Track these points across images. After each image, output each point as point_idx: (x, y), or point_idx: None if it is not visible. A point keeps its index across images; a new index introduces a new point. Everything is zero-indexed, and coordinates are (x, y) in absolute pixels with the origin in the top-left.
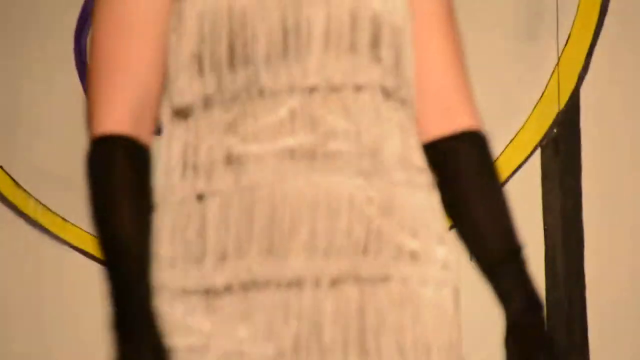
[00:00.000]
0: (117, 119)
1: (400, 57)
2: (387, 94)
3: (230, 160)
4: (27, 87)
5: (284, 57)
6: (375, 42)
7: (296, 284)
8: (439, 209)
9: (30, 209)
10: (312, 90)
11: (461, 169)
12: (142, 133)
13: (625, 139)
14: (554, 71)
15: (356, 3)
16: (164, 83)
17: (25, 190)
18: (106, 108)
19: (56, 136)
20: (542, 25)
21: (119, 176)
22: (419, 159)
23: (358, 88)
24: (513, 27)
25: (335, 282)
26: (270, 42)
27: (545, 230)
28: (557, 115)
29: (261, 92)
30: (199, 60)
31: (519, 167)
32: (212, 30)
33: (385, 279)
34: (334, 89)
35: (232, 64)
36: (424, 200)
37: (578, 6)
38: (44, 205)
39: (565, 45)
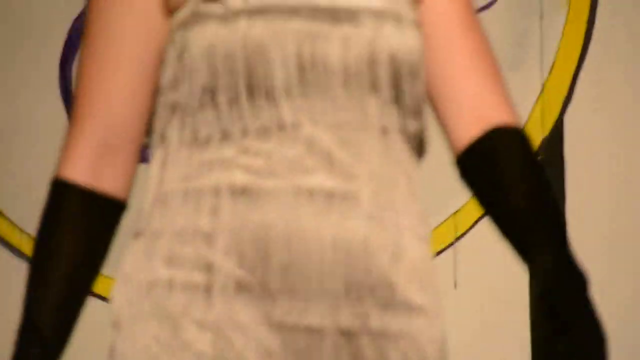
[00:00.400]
0: (74, 163)
1: (420, 99)
2: (407, 136)
3: (241, 192)
4: (11, 115)
5: (304, 92)
6: (395, 83)
7: (317, 331)
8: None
9: (15, 238)
10: (332, 127)
11: (502, 168)
12: (104, 178)
13: (608, 165)
14: (538, 98)
15: (374, 41)
16: (143, 116)
17: (8, 219)
18: (68, 147)
19: (42, 163)
20: (527, 53)
21: (53, 225)
22: (421, 209)
23: (381, 130)
24: (497, 54)
25: (351, 334)
26: (288, 76)
27: None
28: (542, 142)
29: (281, 127)
30: (212, 93)
31: None
32: (226, 62)
33: (395, 334)
34: (357, 128)
35: (251, 97)
36: (427, 251)
37: (562, 34)
38: (29, 234)
39: (550, 72)
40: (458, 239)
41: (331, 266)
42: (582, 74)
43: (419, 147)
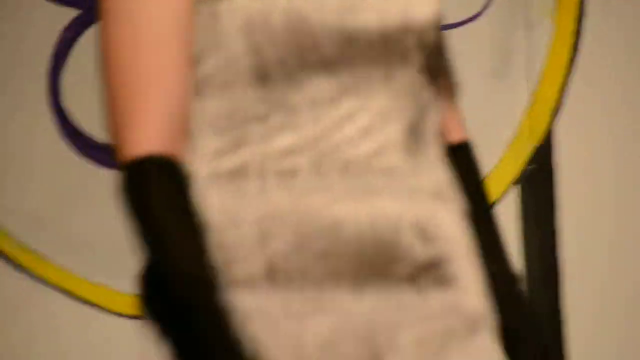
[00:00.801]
0: (154, 138)
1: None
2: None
3: (285, 173)
4: (7, 132)
5: (350, 63)
6: (426, 54)
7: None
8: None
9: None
10: (374, 102)
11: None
12: (178, 149)
13: (599, 174)
14: (527, 109)
15: (404, 13)
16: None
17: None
18: (139, 127)
19: (37, 177)
20: (514, 63)
21: (164, 199)
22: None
23: (415, 96)
24: (486, 65)
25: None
26: (334, 47)
27: (524, 266)
28: (532, 152)
29: (332, 100)
30: (262, 71)
31: (495, 204)
32: (270, 36)
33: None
34: (395, 98)
35: (304, 70)
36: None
37: (550, 44)
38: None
39: (539, 82)
40: None
41: (375, 249)
42: (571, 84)
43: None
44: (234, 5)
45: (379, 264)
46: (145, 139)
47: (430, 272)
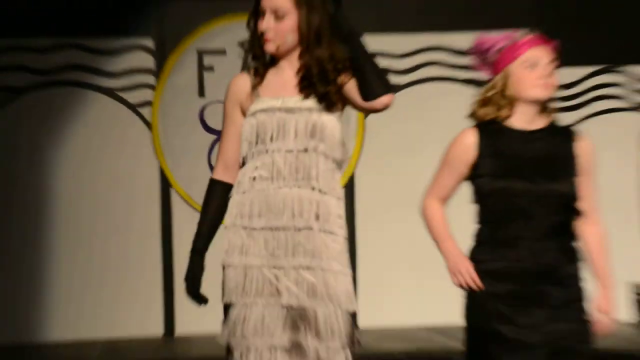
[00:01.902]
0: (218, 171)
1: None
2: (324, 155)
3: (254, 179)
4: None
5: (277, 139)
6: (314, 133)
7: (282, 229)
8: (335, 203)
9: None
10: (287, 151)
11: None
12: (229, 177)
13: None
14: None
15: (308, 120)
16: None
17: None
18: (216, 167)
19: None
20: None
21: (211, 199)
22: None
23: (305, 150)
24: None
25: (296, 229)
26: (273, 134)
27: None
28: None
29: (266, 151)
30: (248, 140)
31: None
32: (250, 130)
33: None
34: (299, 150)
35: (257, 142)
36: (336, 202)
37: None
38: None
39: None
40: None
41: (291, 206)
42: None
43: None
44: (247, 120)
45: (289, 215)
46: (215, 171)
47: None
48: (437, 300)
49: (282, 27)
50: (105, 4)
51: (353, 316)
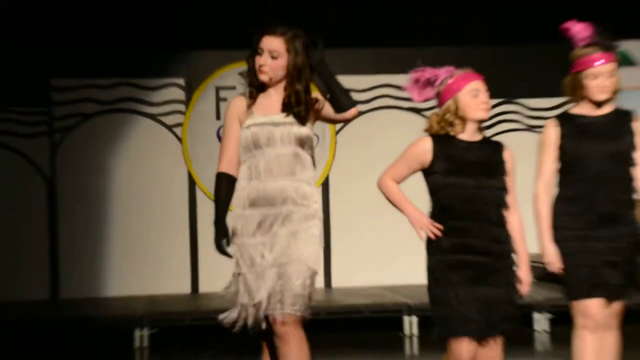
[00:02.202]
0: (223, 166)
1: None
2: (302, 156)
3: (251, 176)
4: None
5: (268, 145)
6: (299, 142)
7: (273, 210)
8: (308, 189)
9: None
10: (278, 155)
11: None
12: (232, 170)
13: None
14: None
15: (290, 131)
16: (238, 156)
17: None
18: (220, 163)
19: None
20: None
21: (222, 186)
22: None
23: (294, 154)
24: None
25: (277, 216)
26: (264, 141)
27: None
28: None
29: (262, 154)
30: (246, 147)
31: None
32: (247, 139)
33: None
34: (284, 154)
35: (254, 148)
36: (308, 186)
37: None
38: None
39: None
40: None
41: (279, 195)
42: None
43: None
44: (244, 132)
45: (278, 201)
46: (221, 165)
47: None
48: (390, 267)
49: (275, 64)
50: (149, 53)
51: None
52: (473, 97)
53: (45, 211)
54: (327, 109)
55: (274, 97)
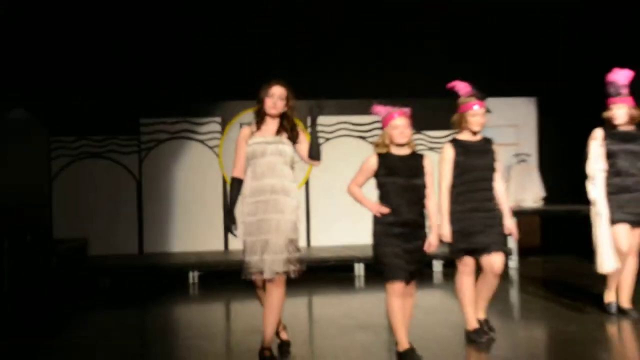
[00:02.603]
0: (236, 172)
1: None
2: (288, 165)
3: (253, 177)
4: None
5: (262, 156)
6: (283, 154)
7: (272, 203)
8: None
9: None
10: (268, 162)
11: None
12: (242, 175)
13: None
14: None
15: (278, 149)
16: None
17: None
18: (234, 168)
19: None
20: None
21: (235, 187)
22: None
23: (284, 162)
24: None
25: (274, 206)
26: (260, 156)
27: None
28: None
29: (259, 162)
30: (249, 158)
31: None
32: (250, 152)
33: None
34: (277, 164)
35: (253, 158)
36: (289, 183)
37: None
38: None
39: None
40: None
41: (269, 189)
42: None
43: (291, 167)
44: (248, 148)
45: (269, 193)
46: (235, 172)
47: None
48: (346, 233)
49: (280, 104)
50: (199, 101)
51: (296, 241)
52: (394, 129)
53: (135, 200)
54: (302, 148)
55: (270, 127)
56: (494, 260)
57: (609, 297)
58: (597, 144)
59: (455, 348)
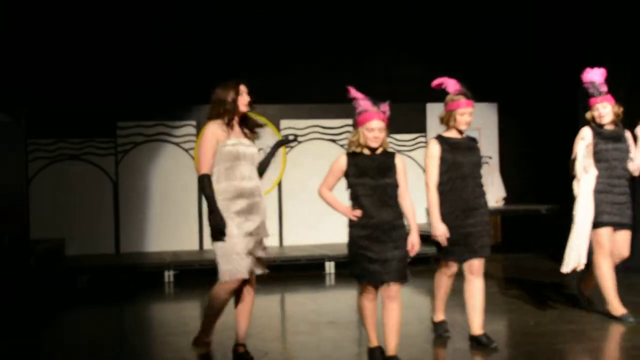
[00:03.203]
0: (206, 169)
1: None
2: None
3: (232, 178)
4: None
5: (243, 159)
6: (256, 159)
7: (252, 200)
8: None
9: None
10: (251, 165)
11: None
12: (210, 172)
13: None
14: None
15: (252, 150)
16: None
17: None
18: (203, 166)
19: None
20: None
21: (210, 184)
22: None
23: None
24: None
25: (257, 204)
26: (242, 157)
27: None
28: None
29: (240, 166)
30: (227, 158)
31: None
32: (227, 155)
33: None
34: (254, 168)
35: (234, 159)
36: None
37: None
38: None
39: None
40: None
41: (252, 191)
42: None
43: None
44: (222, 148)
45: (251, 195)
46: (203, 169)
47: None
48: (318, 233)
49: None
50: (175, 106)
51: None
52: (369, 132)
53: (112, 200)
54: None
55: (235, 127)
56: (477, 264)
57: (619, 309)
58: (584, 144)
59: (422, 343)
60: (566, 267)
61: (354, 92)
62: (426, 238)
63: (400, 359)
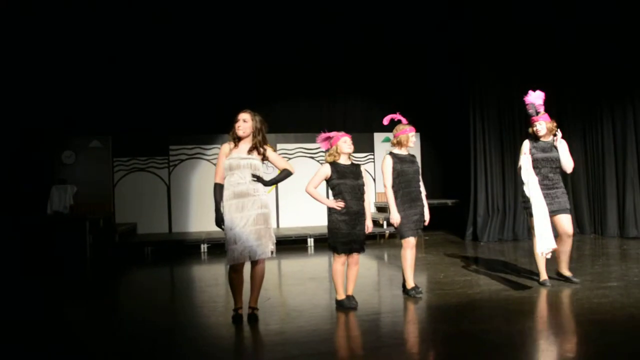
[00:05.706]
0: (218, 179)
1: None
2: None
3: (232, 183)
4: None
5: (237, 169)
6: (252, 167)
7: (246, 199)
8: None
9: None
10: (241, 174)
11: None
12: (222, 181)
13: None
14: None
15: (250, 162)
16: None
17: None
18: (216, 176)
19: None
20: None
21: (218, 191)
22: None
23: (250, 173)
24: None
25: (248, 204)
26: (236, 167)
27: None
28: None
29: (235, 173)
30: (227, 169)
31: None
32: (227, 167)
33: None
34: (247, 173)
35: (231, 170)
36: (260, 186)
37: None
38: None
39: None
40: None
41: (244, 193)
42: None
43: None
44: (225, 162)
45: (241, 196)
46: (216, 179)
47: (251, 196)
48: (304, 218)
49: (245, 126)
50: (205, 135)
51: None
52: (344, 143)
53: (166, 197)
54: (273, 159)
55: (244, 146)
56: (418, 238)
57: (544, 276)
58: (526, 156)
59: (395, 302)
60: (539, 249)
61: (325, 134)
62: (375, 222)
63: (355, 297)
